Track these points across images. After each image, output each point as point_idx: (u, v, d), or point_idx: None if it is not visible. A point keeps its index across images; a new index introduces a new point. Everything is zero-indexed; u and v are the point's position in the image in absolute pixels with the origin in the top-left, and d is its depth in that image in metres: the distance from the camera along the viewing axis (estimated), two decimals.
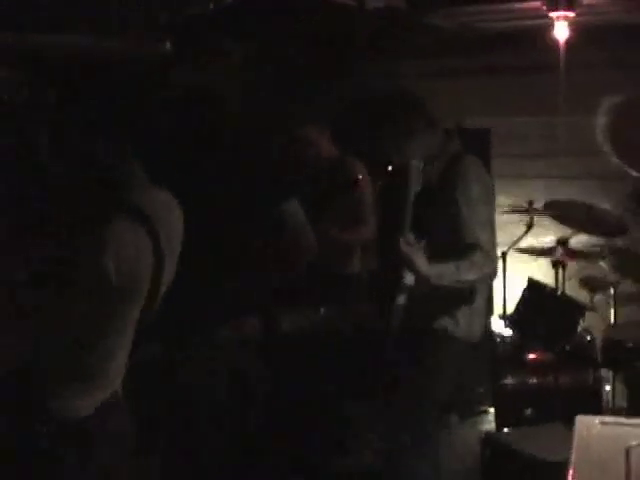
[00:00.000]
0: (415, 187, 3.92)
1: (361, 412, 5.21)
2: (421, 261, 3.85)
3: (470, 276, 3.89)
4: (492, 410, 5.54)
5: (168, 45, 5.06)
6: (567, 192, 6.14)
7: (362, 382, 5.09)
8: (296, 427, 4.75)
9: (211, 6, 3.41)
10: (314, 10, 5.22)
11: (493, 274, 4.03)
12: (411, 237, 3.90)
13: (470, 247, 3.88)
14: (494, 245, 4.04)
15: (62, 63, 3.27)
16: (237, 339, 3.85)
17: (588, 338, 5.43)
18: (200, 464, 3.81)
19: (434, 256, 3.89)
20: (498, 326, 5.91)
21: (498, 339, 5.63)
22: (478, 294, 4.11)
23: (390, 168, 6.19)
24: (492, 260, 3.97)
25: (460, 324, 4.06)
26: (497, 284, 6.19)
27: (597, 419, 2.72)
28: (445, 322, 4.05)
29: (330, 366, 4.90)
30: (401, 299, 3.99)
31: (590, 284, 5.86)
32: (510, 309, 5.77)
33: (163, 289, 2.77)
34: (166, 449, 3.88)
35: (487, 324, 5.69)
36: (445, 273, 3.86)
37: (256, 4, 3.87)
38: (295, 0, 4.85)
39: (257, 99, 5.21)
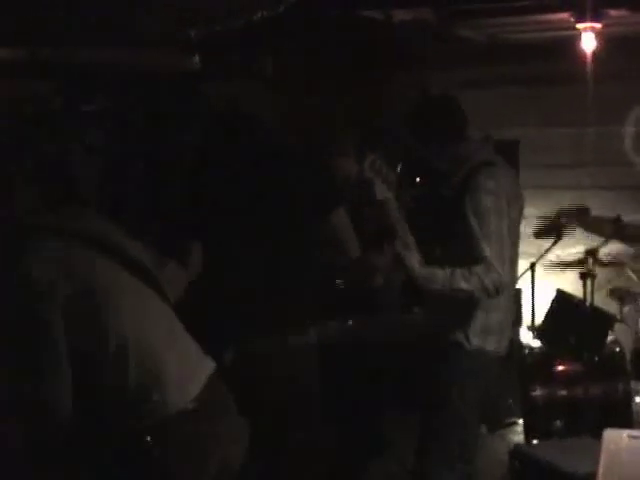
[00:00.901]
0: (389, 189, 3.89)
1: (391, 423, 5.23)
2: (413, 261, 3.81)
3: (465, 285, 3.76)
4: (521, 422, 5.53)
5: (197, 59, 5.13)
6: (596, 203, 6.13)
7: (392, 394, 5.11)
8: (325, 438, 4.78)
9: (240, 23, 3.46)
10: (343, 24, 5.26)
11: (495, 287, 3.82)
12: (410, 239, 3.89)
13: (474, 258, 3.78)
14: (502, 258, 3.92)
15: (97, 76, 3.33)
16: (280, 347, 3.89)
17: (617, 349, 5.40)
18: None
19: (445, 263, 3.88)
20: (527, 337, 5.90)
21: (527, 350, 5.62)
22: (493, 308, 4.05)
23: (418, 180, 6.22)
24: (495, 272, 3.79)
25: (470, 336, 4.00)
26: (525, 295, 6.21)
27: (625, 433, 2.73)
28: (457, 333, 4.01)
29: (357, 378, 4.93)
30: (419, 309, 3.99)
31: (619, 295, 5.84)
32: (539, 320, 5.77)
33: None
34: None
35: (515, 335, 5.68)
36: (437, 277, 3.80)
37: (285, 20, 3.90)
38: (324, 15, 4.88)
39: (287, 114, 5.25)
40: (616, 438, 2.70)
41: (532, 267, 5.93)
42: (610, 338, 5.40)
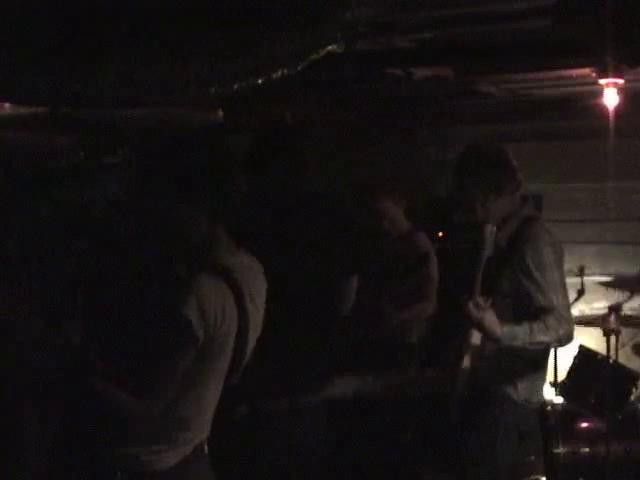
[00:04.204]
0: (488, 251, 3.95)
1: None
2: (492, 321, 3.86)
3: (543, 338, 3.85)
4: (543, 479, 5.46)
5: (220, 113, 5.18)
6: (618, 257, 6.11)
7: (426, 448, 5.08)
8: None
9: (259, 81, 3.49)
10: (364, 80, 5.31)
11: (568, 337, 3.95)
12: (480, 300, 3.91)
13: (543, 310, 3.86)
14: (568, 307, 4.02)
15: (127, 131, 3.35)
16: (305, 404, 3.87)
17: None
18: None
19: (503, 317, 3.91)
20: (549, 394, 5.84)
21: (549, 407, 5.56)
22: (540, 361, 4.12)
23: (440, 234, 6.22)
24: (567, 322, 3.91)
25: (519, 389, 4.04)
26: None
27: None
28: (506, 386, 4.04)
29: (392, 432, 4.90)
30: (466, 360, 4.00)
31: None
32: (561, 376, 5.72)
33: (249, 349, 2.84)
34: None
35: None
36: (518, 334, 3.85)
37: (307, 75, 3.94)
38: (344, 73, 4.93)
39: (324, 168, 5.27)
40: None
41: None
42: (634, 396, 5.34)
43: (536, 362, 4.09)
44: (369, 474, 4.88)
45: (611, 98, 5.72)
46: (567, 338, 3.95)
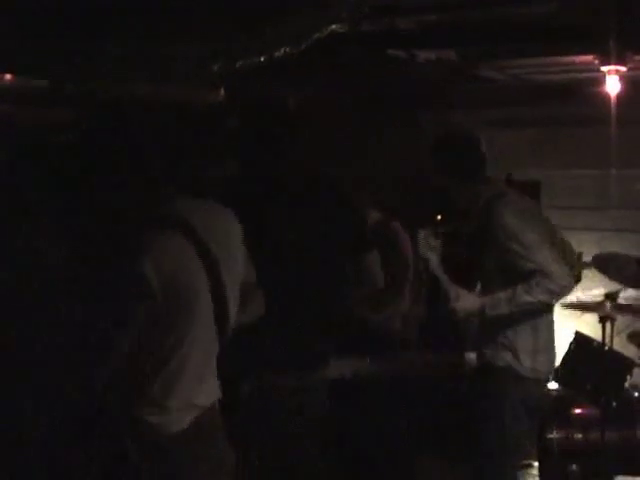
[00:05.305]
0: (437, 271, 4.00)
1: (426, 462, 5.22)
2: (469, 301, 3.90)
3: (528, 298, 3.89)
4: (536, 464, 5.47)
5: (222, 92, 5.17)
6: (617, 245, 6.10)
7: (423, 433, 5.09)
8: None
9: (262, 59, 3.49)
10: (366, 62, 5.29)
11: (563, 287, 3.99)
12: (453, 287, 3.94)
13: (531, 273, 3.90)
14: (556, 260, 4.01)
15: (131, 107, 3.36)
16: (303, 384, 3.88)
17: (636, 394, 5.36)
18: None
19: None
20: None
21: None
22: (543, 331, 4.10)
23: (440, 217, 6.22)
24: (558, 276, 3.94)
25: (522, 359, 4.04)
26: None
27: None
28: (509, 359, 4.05)
29: (390, 417, 4.91)
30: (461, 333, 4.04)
31: (639, 339, 5.79)
32: (557, 362, 5.72)
33: (231, 294, 2.85)
34: None
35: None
36: (500, 301, 3.89)
37: (308, 56, 3.94)
38: (347, 52, 4.92)
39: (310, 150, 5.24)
40: None
41: None
42: (628, 383, 5.35)
43: (539, 332, 4.09)
44: (366, 459, 4.89)
45: (613, 85, 5.71)
46: (562, 288, 3.96)
